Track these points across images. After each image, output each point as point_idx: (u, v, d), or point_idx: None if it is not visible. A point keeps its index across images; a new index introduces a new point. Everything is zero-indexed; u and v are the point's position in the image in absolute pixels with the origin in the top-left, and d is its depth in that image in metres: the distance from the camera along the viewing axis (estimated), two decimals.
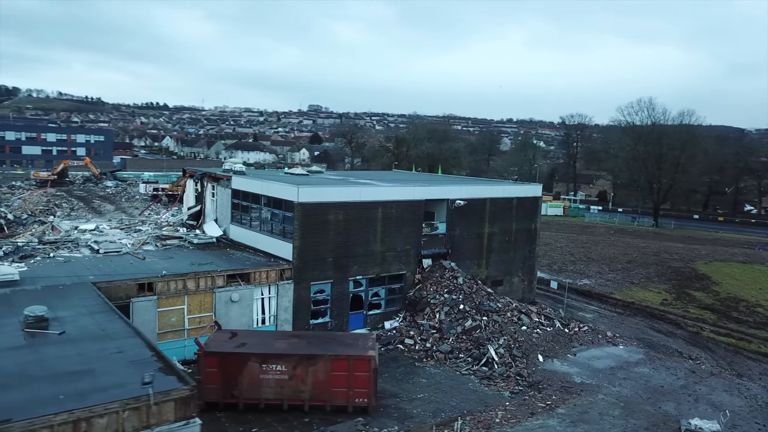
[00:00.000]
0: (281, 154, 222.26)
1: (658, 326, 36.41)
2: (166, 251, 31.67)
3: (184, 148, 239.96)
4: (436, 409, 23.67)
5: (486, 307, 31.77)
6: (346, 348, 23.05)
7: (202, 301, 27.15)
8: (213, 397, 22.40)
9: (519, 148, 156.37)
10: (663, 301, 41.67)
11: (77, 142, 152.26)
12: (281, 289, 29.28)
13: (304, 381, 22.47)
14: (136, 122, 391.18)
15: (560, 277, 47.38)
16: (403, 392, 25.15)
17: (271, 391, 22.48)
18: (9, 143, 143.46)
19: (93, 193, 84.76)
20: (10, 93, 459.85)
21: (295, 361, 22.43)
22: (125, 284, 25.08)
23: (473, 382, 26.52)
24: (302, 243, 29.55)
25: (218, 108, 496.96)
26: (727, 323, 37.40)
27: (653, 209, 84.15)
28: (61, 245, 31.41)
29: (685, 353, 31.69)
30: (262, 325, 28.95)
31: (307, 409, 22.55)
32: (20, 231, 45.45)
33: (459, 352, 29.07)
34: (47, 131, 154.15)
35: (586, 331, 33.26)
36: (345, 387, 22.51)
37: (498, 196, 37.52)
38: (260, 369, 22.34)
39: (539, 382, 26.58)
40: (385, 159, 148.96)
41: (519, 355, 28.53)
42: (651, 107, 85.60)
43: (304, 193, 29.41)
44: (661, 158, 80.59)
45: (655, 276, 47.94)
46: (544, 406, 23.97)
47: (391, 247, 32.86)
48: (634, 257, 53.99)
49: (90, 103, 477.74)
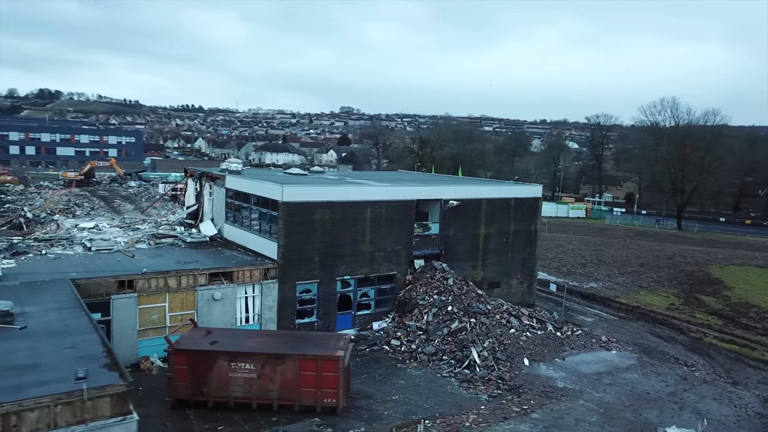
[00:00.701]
0: (309, 155, 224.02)
1: (659, 331, 35.35)
2: (157, 249, 32.09)
3: (215, 149, 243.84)
4: (408, 411, 23.38)
5: (474, 309, 31.30)
6: (315, 348, 22.92)
7: (184, 299, 27.39)
8: (183, 395, 22.51)
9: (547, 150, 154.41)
10: (670, 305, 40.46)
11: (109, 144, 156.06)
12: (265, 288, 29.35)
13: (272, 380, 22.44)
14: (171, 124, 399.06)
15: (567, 280, 46.48)
16: (378, 393, 24.92)
17: (240, 389, 22.50)
18: (44, 145, 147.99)
19: (116, 193, 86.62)
20: (53, 96, 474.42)
21: (263, 360, 22.41)
22: (105, 281, 25.45)
23: (452, 384, 26.14)
24: (287, 242, 29.57)
25: (252, 110, 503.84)
26: (733, 329, 36.09)
27: (677, 212, 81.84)
28: (56, 243, 32.10)
29: (682, 359, 30.69)
30: (246, 323, 29.06)
31: (275, 408, 22.49)
32: (37, 229, 46.72)
33: (443, 354, 28.71)
34: (80, 133, 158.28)
35: (580, 335, 32.48)
36: (313, 387, 22.39)
37: (494, 197, 36.96)
38: (229, 367, 22.39)
39: (520, 386, 26.04)
40: (409, 160, 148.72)
41: (503, 359, 28.00)
42: (674, 107, 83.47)
43: (288, 192, 29.44)
44: (684, 159, 78.33)
45: (665, 280, 46.60)
46: (519, 411, 23.44)
47: (381, 247, 32.66)
48: (647, 260, 52.59)
49: (128, 105, 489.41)
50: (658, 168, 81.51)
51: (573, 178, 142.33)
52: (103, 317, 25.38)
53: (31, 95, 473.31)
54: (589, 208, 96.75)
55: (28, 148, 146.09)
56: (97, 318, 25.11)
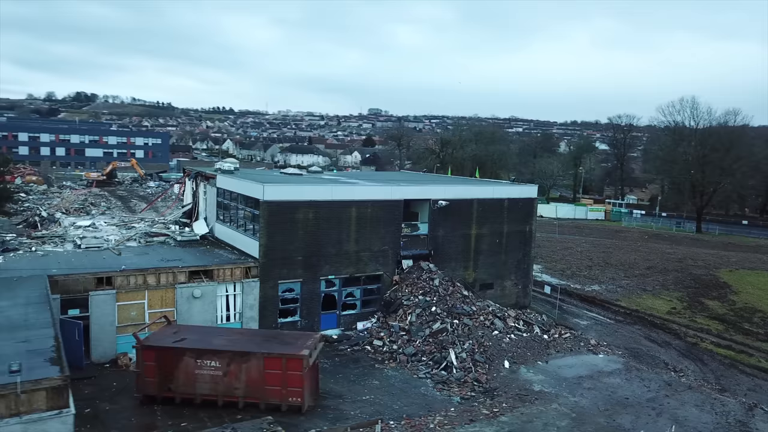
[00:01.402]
0: (334, 156, 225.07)
1: (654, 335, 34.45)
2: (146, 248, 32.52)
3: (242, 151, 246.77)
4: (375, 411, 23.20)
5: (458, 310, 30.94)
6: (281, 347, 22.90)
7: (164, 296, 27.67)
8: (151, 391, 22.73)
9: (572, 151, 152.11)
10: (671, 309, 39.40)
11: (136, 145, 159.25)
12: (246, 287, 29.48)
13: (237, 378, 22.49)
14: (202, 126, 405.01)
15: (570, 282, 45.69)
16: (349, 393, 24.81)
17: (206, 386, 22.62)
18: (74, 146, 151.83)
19: (134, 193, 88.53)
20: (89, 99, 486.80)
21: (228, 357, 22.49)
22: (83, 278, 25.87)
23: (427, 386, 25.87)
24: (268, 241, 29.67)
25: (281, 112, 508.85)
26: (733, 335, 34.97)
27: (696, 214, 79.65)
28: (48, 240, 32.79)
29: (672, 365, 29.85)
30: (227, 322, 29.21)
31: (241, 406, 22.54)
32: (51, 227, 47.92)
33: (422, 355, 28.44)
34: (109, 134, 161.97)
35: (568, 338, 31.86)
36: (279, 386, 22.38)
37: (486, 197, 36.49)
38: (195, 364, 22.51)
39: (496, 388, 25.64)
40: (429, 161, 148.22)
41: (481, 361, 27.61)
42: (694, 106, 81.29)
43: (269, 191, 29.54)
44: (703, 160, 76.20)
45: (671, 283, 45.43)
46: (488, 414, 23.07)
47: (367, 247, 32.52)
48: (655, 263, 51.37)
49: (161, 108, 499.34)
50: (676, 168, 79.47)
51: (598, 180, 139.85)
52: (82, 313, 25.84)
53: (68, 98, 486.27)
54: (608, 210, 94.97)
55: (58, 149, 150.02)
56: (75, 314, 25.86)
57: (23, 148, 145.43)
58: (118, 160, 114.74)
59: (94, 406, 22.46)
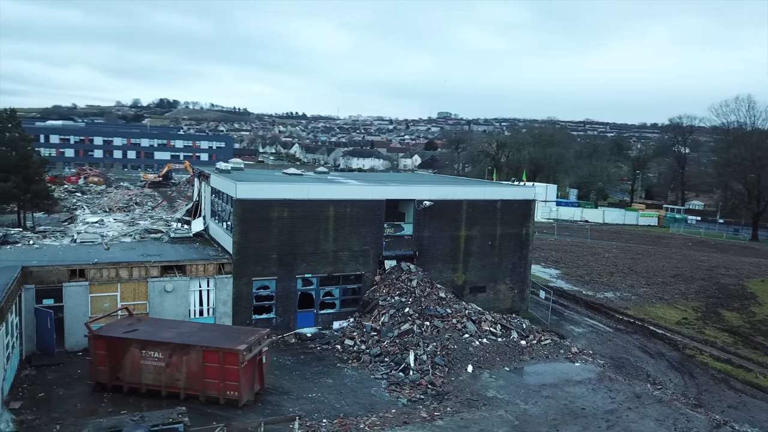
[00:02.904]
0: (395, 160, 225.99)
1: (651, 346, 32.53)
2: (137, 243, 33.90)
3: (307, 154, 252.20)
4: (314, 409, 23.22)
5: (431, 312, 30.41)
6: (222, 341, 23.30)
7: (136, 289, 28.76)
8: (102, 379, 23.70)
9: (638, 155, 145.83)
10: (682, 319, 37.08)
11: (201, 149, 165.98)
12: (219, 283, 30.17)
13: (179, 369, 23.10)
14: (274, 131, 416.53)
15: (583, 289, 43.86)
16: (298, 390, 24.92)
17: (150, 377, 23.36)
18: (144, 149, 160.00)
19: (183, 193, 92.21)
20: (171, 105, 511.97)
21: (170, 349, 23.14)
22: (57, 269, 27.29)
23: (380, 386, 25.60)
24: (242, 238, 30.25)
25: (352, 117, 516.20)
26: (739, 348, 32.49)
27: (753, 220, 74.32)
28: (49, 234, 34.81)
29: (654, 377, 28.11)
30: (200, 316, 30.00)
31: (183, 397, 23.12)
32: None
33: (386, 355, 28.15)
34: (176, 138, 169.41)
35: (548, 344, 30.64)
36: (217, 379, 22.81)
37: (477, 198, 35.63)
38: (140, 355, 23.31)
39: (448, 392, 25.04)
40: (483, 164, 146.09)
41: (441, 364, 27.01)
42: (749, 106, 75.85)
43: (242, 189, 30.13)
44: (759, 163, 70.98)
45: (693, 292, 42.72)
46: (426, 417, 22.57)
47: (346, 246, 32.53)
48: (683, 271, 48.47)
49: (237, 113, 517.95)
50: (729, 171, 74.47)
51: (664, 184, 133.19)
52: (56, 303, 27.27)
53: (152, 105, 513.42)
54: (661, 215, 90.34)
55: (129, 152, 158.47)
56: (49, 303, 27.28)
57: (98, 151, 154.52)
58: (172, 162, 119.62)
59: (50, 391, 23.67)
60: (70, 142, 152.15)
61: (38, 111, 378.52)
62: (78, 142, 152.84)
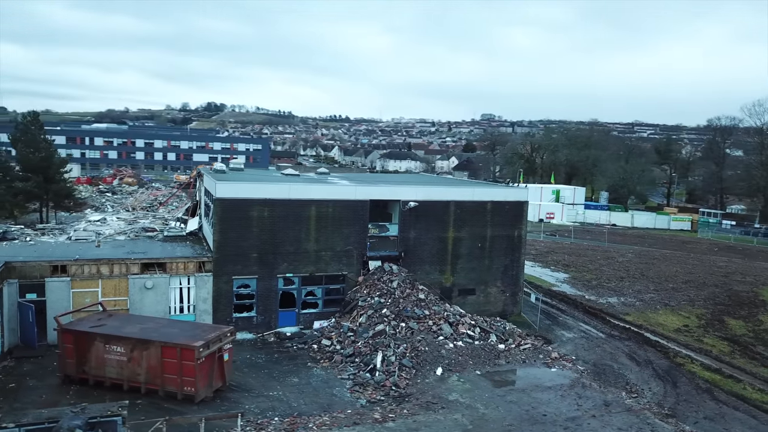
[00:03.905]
0: (432, 162, 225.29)
1: (640, 353, 31.37)
2: (129, 241, 34.76)
3: (345, 157, 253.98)
4: (269, 407, 23.35)
5: (407, 313, 30.15)
6: (181, 337, 23.66)
7: (117, 285, 29.50)
8: (69, 371, 24.41)
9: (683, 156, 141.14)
10: (682, 326, 35.68)
11: (238, 151, 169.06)
12: (199, 281, 30.66)
13: (139, 364, 23.59)
14: (317, 133, 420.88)
15: (586, 293, 42.71)
16: (261, 389, 25.08)
17: (114, 370, 23.93)
18: (183, 151, 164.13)
19: None
20: (218, 109, 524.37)
21: (132, 344, 23.65)
22: (39, 265, 28.25)
23: (344, 387, 25.53)
24: (221, 237, 30.67)
25: (394, 119, 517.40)
26: (734, 358, 31.02)
27: None
28: (48, 232, 36.07)
29: (633, 384, 27.11)
30: (180, 313, 30.54)
31: (144, 391, 23.61)
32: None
33: (357, 356, 28.06)
34: (214, 141, 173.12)
35: (527, 349, 29.96)
36: (175, 374, 23.19)
37: (465, 199, 35.13)
38: (104, 349, 23.90)
39: (410, 395, 24.78)
40: (516, 166, 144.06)
41: (409, 365, 26.73)
42: None
43: (222, 188, 30.55)
44: None
45: (701, 299, 41.05)
46: (378, 418, 22.37)
47: (328, 246, 32.59)
48: (696, 277, 46.64)
49: (282, 116, 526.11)
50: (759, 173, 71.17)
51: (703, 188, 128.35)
52: (39, 297, 28.25)
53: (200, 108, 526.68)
54: (695, 219, 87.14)
55: (169, 154, 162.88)
56: (32, 297, 28.27)
57: (139, 153, 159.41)
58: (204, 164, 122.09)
59: (22, 382, 24.52)
60: (113, 145, 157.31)
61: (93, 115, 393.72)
62: (121, 144, 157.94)
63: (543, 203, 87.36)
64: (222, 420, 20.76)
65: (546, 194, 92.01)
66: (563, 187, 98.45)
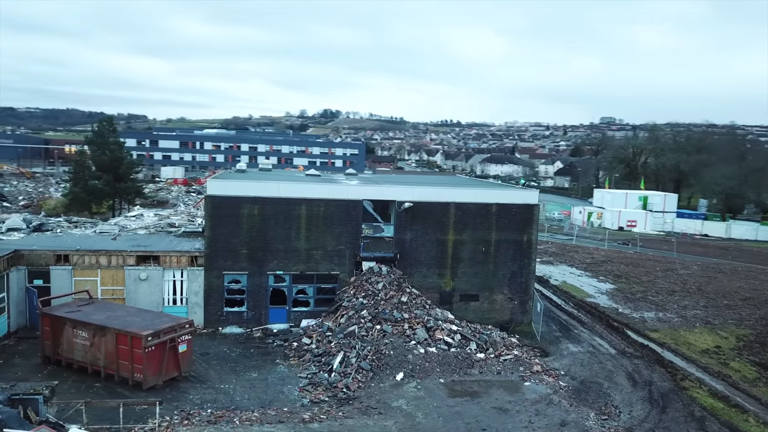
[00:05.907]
0: (536, 167, 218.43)
1: (645, 373, 28.33)
2: (146, 235, 36.78)
3: (447, 161, 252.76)
4: (214, 399, 23.76)
5: (384, 316, 29.40)
6: (136, 326, 24.61)
7: (114, 276, 31.35)
8: (48, 353, 26.31)
9: None
10: (712, 347, 31.88)
11: (336, 155, 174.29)
12: (191, 275, 31.82)
13: (99, 349, 24.91)
14: (426, 138, 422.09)
15: (623, 307, 39.38)
16: (214, 381, 25.55)
17: (80, 354, 25.47)
18: (284, 155, 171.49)
19: None
20: (333, 115, 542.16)
21: (93, 330, 25.03)
22: (44, 254, 30.68)
23: (297, 385, 25.39)
24: (212, 233, 31.65)
25: (507, 123, 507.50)
26: (755, 386, 27.13)
27: None
28: (81, 225, 39.03)
29: (613, 405, 24.60)
30: (173, 305, 31.87)
31: (103, 376, 24.94)
32: None
33: (325, 356, 27.79)
34: (313, 145, 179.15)
35: (508, 360, 28.15)
36: (127, 361, 24.25)
37: (466, 201, 33.67)
38: (73, 333, 25.51)
39: (357, 398, 24.17)
40: (617, 170, 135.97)
41: (367, 368, 26.03)
42: None
43: (213, 186, 31.55)
44: None
45: (752, 318, 36.45)
46: (306, 418, 22.01)
47: (319, 245, 32.59)
48: (760, 294, 41.48)
49: (393, 122, 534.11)
50: None
51: None
52: (45, 284, 30.69)
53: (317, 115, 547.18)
54: None
55: (271, 158, 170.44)
56: (39, 283, 30.76)
57: (244, 157, 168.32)
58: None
59: (9, 360, 26.74)
60: (221, 149, 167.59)
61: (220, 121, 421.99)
62: (227, 148, 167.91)
63: (625, 210, 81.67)
64: (141, 406, 21.35)
65: (632, 200, 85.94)
66: (652, 193, 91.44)
